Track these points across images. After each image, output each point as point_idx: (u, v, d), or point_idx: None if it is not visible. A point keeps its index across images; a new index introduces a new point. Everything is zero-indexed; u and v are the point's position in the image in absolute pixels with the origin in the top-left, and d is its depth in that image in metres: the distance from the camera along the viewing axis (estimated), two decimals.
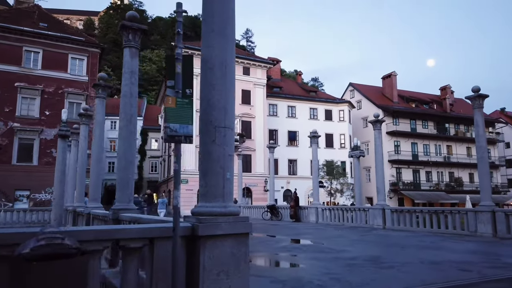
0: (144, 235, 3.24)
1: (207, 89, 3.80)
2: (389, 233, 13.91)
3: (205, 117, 3.76)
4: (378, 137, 17.49)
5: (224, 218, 3.55)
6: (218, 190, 3.63)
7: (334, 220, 19.51)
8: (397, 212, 16.17)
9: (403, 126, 47.35)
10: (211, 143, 3.67)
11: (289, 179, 40.58)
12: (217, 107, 3.73)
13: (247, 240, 3.63)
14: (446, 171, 48.97)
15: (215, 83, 3.78)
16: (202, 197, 3.69)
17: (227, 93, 3.79)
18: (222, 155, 3.67)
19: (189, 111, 3.38)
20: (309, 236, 13.29)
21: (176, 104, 3.33)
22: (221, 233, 3.47)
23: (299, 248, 9.44)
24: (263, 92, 39.17)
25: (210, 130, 3.69)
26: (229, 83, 3.84)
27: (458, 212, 13.83)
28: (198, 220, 3.47)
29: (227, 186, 3.68)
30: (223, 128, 3.71)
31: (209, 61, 3.83)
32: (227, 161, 3.69)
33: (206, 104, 3.79)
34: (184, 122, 3.33)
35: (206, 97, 3.80)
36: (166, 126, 3.29)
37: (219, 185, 3.63)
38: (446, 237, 12.35)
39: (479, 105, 13.68)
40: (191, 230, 3.46)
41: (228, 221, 3.55)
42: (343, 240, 11.36)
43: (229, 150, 3.73)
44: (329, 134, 43.86)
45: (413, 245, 10.23)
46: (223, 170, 3.66)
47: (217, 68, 3.80)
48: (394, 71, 51.40)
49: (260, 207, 26.63)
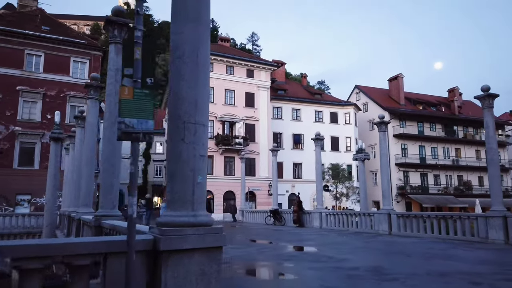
0: (94, 250, 2.74)
1: (176, 79, 3.30)
2: (395, 240, 13.28)
3: (173, 111, 3.27)
4: (383, 139, 16.86)
5: (193, 229, 3.04)
6: (186, 197, 3.12)
7: (338, 225, 18.89)
8: (403, 217, 15.53)
9: (410, 129, 46.51)
10: (179, 141, 3.18)
11: (294, 183, 39.93)
12: (187, 100, 3.23)
13: (220, 255, 3.12)
14: (455, 175, 47.98)
15: (184, 73, 3.28)
16: (169, 205, 3.19)
17: (198, 85, 3.29)
18: (192, 155, 3.17)
19: (149, 103, 2.88)
20: (311, 242, 12.72)
21: (134, 96, 2.83)
22: (188, 247, 2.97)
23: (297, 257, 8.89)
24: (267, 94, 38.67)
25: (178, 126, 3.19)
26: (202, 73, 3.34)
27: (468, 218, 13.17)
28: (161, 231, 2.97)
29: (198, 192, 3.17)
30: (193, 124, 3.20)
31: (179, 49, 3.33)
32: (198, 163, 3.19)
33: (174, 97, 3.29)
34: (143, 116, 2.83)
35: (174, 89, 3.30)
36: (121, 121, 2.79)
37: (188, 190, 3.13)
38: (456, 244, 11.69)
39: (488, 105, 13.05)
40: (153, 243, 2.96)
41: (198, 233, 3.04)
42: (346, 247, 10.77)
43: (201, 150, 3.22)
44: (335, 137, 43.19)
45: (420, 253, 9.62)
46: (193, 173, 3.16)
47: (187, 57, 3.30)
48: (401, 73, 50.63)
49: (263, 211, 26.06)
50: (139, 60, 2.92)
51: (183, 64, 3.29)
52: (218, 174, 34.73)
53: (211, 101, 35.41)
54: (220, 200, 33.99)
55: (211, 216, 3.27)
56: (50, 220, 12.45)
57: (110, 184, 6.94)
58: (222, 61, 36.70)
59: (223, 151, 34.74)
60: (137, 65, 2.91)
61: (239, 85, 37.08)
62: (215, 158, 34.84)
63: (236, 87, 36.90)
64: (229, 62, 37.09)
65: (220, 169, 34.98)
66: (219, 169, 34.90)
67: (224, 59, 36.77)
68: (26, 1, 35.01)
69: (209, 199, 33.61)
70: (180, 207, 3.10)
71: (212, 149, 34.65)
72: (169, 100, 3.31)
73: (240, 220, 28.54)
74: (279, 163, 39.24)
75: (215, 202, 33.78)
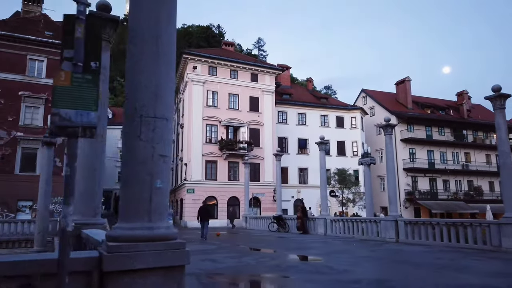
0: (14, 272, 2.22)
1: (133, 66, 2.79)
2: (402, 248, 12.61)
3: (129, 103, 2.76)
4: (389, 143, 16.23)
5: (148, 244, 2.51)
6: (142, 205, 2.59)
7: (343, 232, 18.24)
8: (411, 224, 14.84)
9: (418, 133, 45.62)
10: (134, 139, 2.66)
11: (299, 188, 39.27)
12: (145, 90, 2.72)
13: (181, 276, 2.58)
14: (465, 180, 46.90)
15: (143, 59, 2.77)
16: (121, 215, 2.66)
17: (160, 71, 2.77)
18: (150, 155, 2.65)
19: (92, 91, 2.36)
20: (313, 251, 12.11)
21: (72, 82, 2.32)
22: (141, 266, 2.43)
23: (296, 267, 8.31)
24: (272, 99, 38.15)
25: (134, 121, 2.68)
26: (164, 61, 2.82)
27: (480, 225, 12.47)
28: (109, 248, 2.44)
29: (157, 199, 2.64)
30: (152, 119, 2.69)
31: (137, 32, 2.83)
32: (157, 165, 2.67)
33: (129, 85, 2.78)
34: (83, 107, 2.32)
35: (131, 77, 2.79)
36: (55, 113, 2.28)
37: (144, 197, 2.60)
38: (467, 253, 11.01)
39: (500, 105, 12.41)
40: (97, 262, 2.42)
41: (155, 249, 2.51)
42: (349, 257, 10.15)
43: (161, 149, 2.70)
44: (341, 142, 42.50)
45: (428, 263, 8.98)
46: (151, 177, 2.63)
47: (147, 41, 2.80)
48: (408, 76, 49.83)
49: (267, 217, 25.44)
50: (81, 40, 2.41)
51: (141, 49, 2.79)
52: (222, 179, 34.21)
53: (214, 105, 35.02)
54: (224, 205, 33.44)
55: (174, 228, 2.73)
56: (42, 227, 12.01)
57: (91, 190, 6.44)
58: (226, 65, 36.31)
59: (227, 156, 34.24)
60: (78, 45, 2.40)
61: (243, 89, 36.63)
62: (219, 163, 34.35)
63: (240, 92, 36.45)
64: (233, 66, 36.68)
65: (224, 174, 34.46)
66: (223, 174, 34.39)
67: (228, 63, 36.37)
68: (30, 7, 35.06)
69: (213, 204, 33.10)
70: (134, 218, 2.58)
71: (216, 154, 34.18)
72: (126, 91, 2.80)
73: (244, 226, 27.95)
74: (285, 168, 38.67)
75: (219, 207, 33.22)
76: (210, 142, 34.37)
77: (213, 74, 35.72)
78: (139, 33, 2.81)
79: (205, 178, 33.60)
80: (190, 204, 31.82)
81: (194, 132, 33.68)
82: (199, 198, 31.49)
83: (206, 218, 17.38)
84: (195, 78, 34.60)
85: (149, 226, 2.56)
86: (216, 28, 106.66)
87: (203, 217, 17.33)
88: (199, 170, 33.39)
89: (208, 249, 12.48)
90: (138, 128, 2.65)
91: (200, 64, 35.17)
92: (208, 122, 34.54)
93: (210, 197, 33.24)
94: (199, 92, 34.56)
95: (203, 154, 33.74)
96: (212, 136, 34.68)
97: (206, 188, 33.11)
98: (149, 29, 2.80)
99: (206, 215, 17.57)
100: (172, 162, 47.22)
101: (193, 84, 34.51)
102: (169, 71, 2.86)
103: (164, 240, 2.57)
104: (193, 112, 34.00)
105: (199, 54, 35.78)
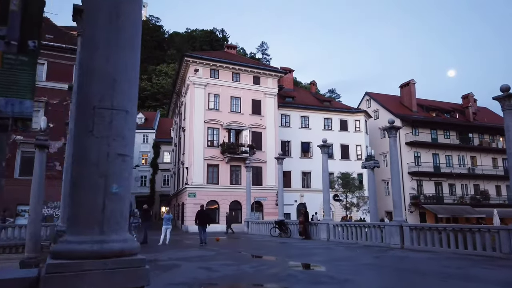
0: None
1: (87, 50, 2.37)
2: (408, 255, 12.09)
3: (80, 92, 2.33)
4: (394, 145, 15.73)
5: (96, 262, 2.07)
6: (93, 214, 2.16)
7: (347, 237, 17.71)
8: (416, 229, 14.31)
9: (423, 136, 44.97)
10: (86, 134, 2.23)
11: (302, 193, 38.73)
12: (100, 77, 2.29)
13: None
14: (471, 184, 46.13)
15: (98, 40, 2.34)
16: (69, 225, 2.23)
17: (119, 58, 2.35)
18: (104, 154, 2.22)
19: (27, 76, 1.95)
20: (315, 258, 11.63)
21: (3, 63, 1.90)
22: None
23: (294, 277, 7.83)
24: (274, 102, 37.70)
25: (85, 113, 2.25)
26: (125, 44, 2.39)
27: (489, 231, 11.93)
28: (48, 267, 2.01)
29: (112, 207, 2.21)
30: (108, 111, 2.26)
31: (93, 9, 2.40)
32: (114, 165, 2.24)
33: (84, 73, 2.36)
34: (15, 94, 1.90)
35: (85, 62, 2.37)
36: None
37: (96, 205, 2.17)
38: (475, 260, 10.49)
39: (509, 106, 11.87)
40: (34, 284, 1.99)
41: (105, 268, 2.07)
42: (351, 265, 9.66)
43: (119, 147, 2.27)
44: (345, 145, 41.95)
45: (435, 272, 8.47)
46: (106, 180, 2.20)
47: (103, 18, 2.36)
48: (413, 79, 49.23)
49: (269, 222, 24.93)
50: (17, 13, 1.99)
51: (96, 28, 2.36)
52: (224, 183, 33.76)
53: (216, 108, 34.62)
54: (226, 210, 32.93)
55: (134, 242, 2.29)
56: (34, 233, 11.61)
57: None
58: (228, 68, 35.95)
59: (229, 159, 33.79)
60: (13, 20, 1.98)
61: (245, 92, 36.22)
62: (221, 167, 33.91)
63: (242, 95, 36.05)
64: (235, 69, 36.32)
65: (226, 178, 34.00)
66: (224, 178, 33.93)
67: (230, 66, 36.00)
68: None
69: (214, 209, 32.65)
70: (83, 229, 2.15)
71: (218, 158, 33.76)
72: (77, 77, 2.39)
73: (246, 231, 27.46)
74: (287, 172, 38.16)
75: (221, 212, 32.74)
76: (211, 145, 33.96)
77: (215, 77, 35.37)
78: (95, 11, 2.39)
79: (207, 182, 33.17)
80: (192, 208, 31.33)
81: (196, 136, 33.28)
82: (201, 202, 30.94)
83: (204, 223, 16.93)
84: (196, 81, 34.26)
85: (100, 240, 2.12)
86: (220, 32, 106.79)
87: (201, 221, 16.89)
88: (200, 174, 32.96)
89: (205, 255, 12.03)
90: (90, 122, 2.23)
91: (202, 67, 34.83)
92: (210, 126, 34.15)
93: (212, 201, 32.79)
94: (201, 95, 34.21)
95: (205, 158, 33.32)
96: (214, 139, 34.26)
97: (207, 192, 32.67)
98: (107, 6, 2.39)
99: (204, 220, 17.13)
100: (174, 166, 46.82)
101: (194, 87, 34.17)
102: (132, 56, 2.43)
103: (119, 256, 2.13)
104: (195, 115, 33.63)
105: (201, 57, 35.45)
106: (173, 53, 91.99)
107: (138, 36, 2.53)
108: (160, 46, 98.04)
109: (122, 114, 2.31)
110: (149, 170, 54.86)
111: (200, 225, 16.87)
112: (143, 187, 54.83)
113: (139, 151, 55.29)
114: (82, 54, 2.40)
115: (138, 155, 54.88)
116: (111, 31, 2.37)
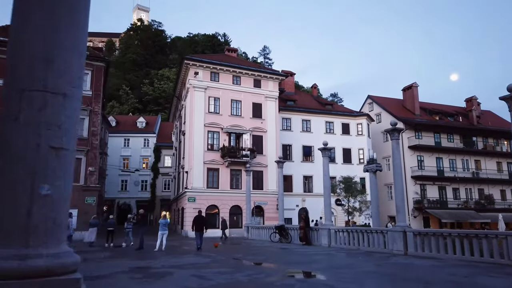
0: None
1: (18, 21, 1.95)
2: (411, 262, 11.59)
3: (7, 73, 1.90)
4: (396, 148, 15.25)
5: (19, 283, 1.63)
6: (16, 221, 1.73)
7: (348, 243, 17.20)
8: (420, 235, 13.80)
9: (427, 140, 44.38)
10: (9, 122, 1.80)
11: (304, 197, 38.17)
12: (31, 54, 1.87)
13: None
14: (475, 188, 45.41)
15: (31, 11, 1.93)
16: None
17: (56, 31, 1.93)
18: (33, 146, 1.79)
19: None
20: (315, 265, 11.13)
21: None
22: None
23: (292, 286, 7.36)
24: (275, 105, 37.26)
25: (11, 97, 1.83)
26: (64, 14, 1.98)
27: (496, 236, 11.41)
28: None
29: (41, 213, 1.77)
30: (39, 93, 1.84)
31: None
32: (45, 160, 1.81)
33: (12, 49, 1.93)
34: None
35: (14, 37, 1.95)
36: None
37: (19, 209, 1.74)
38: (482, 268, 9.98)
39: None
40: None
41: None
42: (352, 272, 9.17)
43: (54, 138, 1.84)
44: (347, 149, 41.39)
45: (440, 280, 7.98)
46: (33, 178, 1.77)
47: None
48: (415, 82, 48.71)
49: (270, 227, 24.41)
50: None
51: None
52: (224, 187, 33.27)
53: (216, 111, 34.21)
54: (226, 215, 32.42)
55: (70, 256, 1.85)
56: None
57: None
58: (228, 71, 35.57)
59: (229, 163, 33.32)
60: None
61: (246, 96, 35.81)
62: (221, 171, 33.44)
63: (242, 98, 35.64)
64: (236, 72, 35.94)
65: (226, 182, 33.51)
66: (225, 182, 33.44)
67: (230, 69, 35.63)
68: None
69: (214, 214, 32.16)
70: (5, 241, 1.71)
71: (218, 162, 33.30)
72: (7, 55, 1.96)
73: (246, 237, 26.95)
74: (289, 176, 37.63)
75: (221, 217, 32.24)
76: (212, 149, 33.52)
77: (215, 80, 34.99)
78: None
79: (207, 186, 32.69)
80: (191, 213, 30.77)
81: (196, 139, 32.85)
82: (201, 207, 30.47)
83: (201, 229, 16.48)
84: (196, 84, 33.89)
85: (23, 255, 1.69)
86: (222, 36, 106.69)
87: (198, 227, 16.44)
88: (200, 178, 32.49)
89: (200, 262, 11.57)
90: (16, 106, 1.80)
91: (202, 70, 34.48)
92: (210, 129, 33.72)
93: (212, 206, 32.29)
94: (201, 98, 33.82)
95: (205, 162, 32.87)
96: (214, 143, 33.82)
97: (207, 196, 32.18)
98: None
99: (201, 225, 16.68)
100: (174, 170, 46.36)
101: (194, 90, 33.80)
102: (73, 30, 2.01)
103: (46, 275, 1.70)
104: (195, 118, 33.23)
105: (201, 60, 35.12)
106: (175, 58, 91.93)
107: (81, 9, 2.10)
108: (162, 50, 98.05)
109: (58, 98, 1.89)
110: (150, 174, 54.44)
111: (197, 230, 16.43)
112: (143, 191, 54.45)
113: (140, 155, 54.98)
114: (12, 25, 1.98)
115: (139, 159, 54.56)
116: (47, 4, 1.94)
